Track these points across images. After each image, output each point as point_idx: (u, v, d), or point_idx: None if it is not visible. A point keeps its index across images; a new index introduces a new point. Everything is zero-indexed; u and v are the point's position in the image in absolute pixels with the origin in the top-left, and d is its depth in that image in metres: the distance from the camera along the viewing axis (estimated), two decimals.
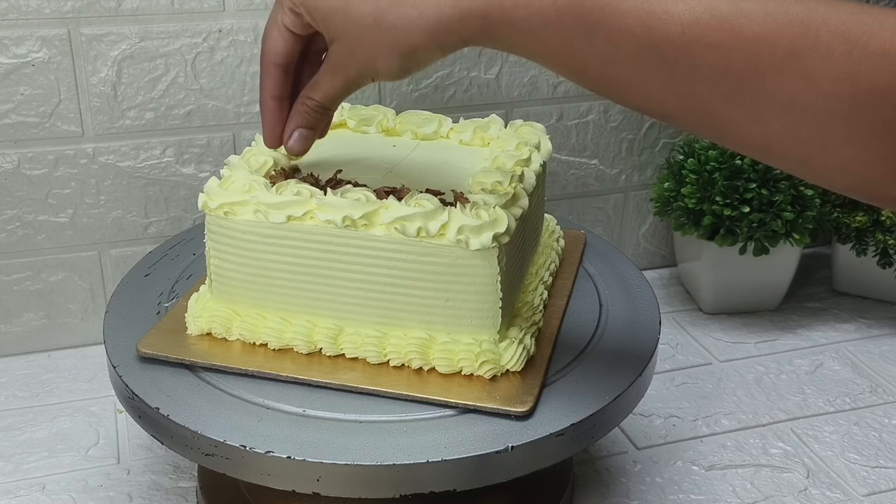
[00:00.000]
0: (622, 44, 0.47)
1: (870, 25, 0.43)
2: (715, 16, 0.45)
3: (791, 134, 0.45)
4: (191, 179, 0.92)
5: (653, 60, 0.46)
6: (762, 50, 0.44)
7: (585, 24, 0.47)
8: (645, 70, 0.47)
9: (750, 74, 0.45)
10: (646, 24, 0.46)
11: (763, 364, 0.96)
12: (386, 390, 0.62)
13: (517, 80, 0.98)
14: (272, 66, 0.60)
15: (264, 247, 0.63)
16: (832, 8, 0.44)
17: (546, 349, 0.67)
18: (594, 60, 0.48)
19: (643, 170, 1.07)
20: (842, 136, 0.44)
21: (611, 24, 0.46)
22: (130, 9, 0.85)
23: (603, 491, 0.78)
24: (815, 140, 0.45)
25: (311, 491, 0.58)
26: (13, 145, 0.86)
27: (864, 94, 0.43)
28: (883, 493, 0.79)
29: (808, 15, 0.44)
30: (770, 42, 0.44)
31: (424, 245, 0.61)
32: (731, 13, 0.45)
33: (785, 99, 0.44)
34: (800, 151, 0.46)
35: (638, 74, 0.47)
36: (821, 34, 0.43)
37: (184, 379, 0.64)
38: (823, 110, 0.44)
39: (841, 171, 0.46)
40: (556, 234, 0.80)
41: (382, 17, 0.52)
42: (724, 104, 0.46)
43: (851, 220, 1.00)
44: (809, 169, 0.47)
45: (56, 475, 0.78)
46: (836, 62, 0.43)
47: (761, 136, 0.46)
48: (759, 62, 0.44)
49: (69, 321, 0.94)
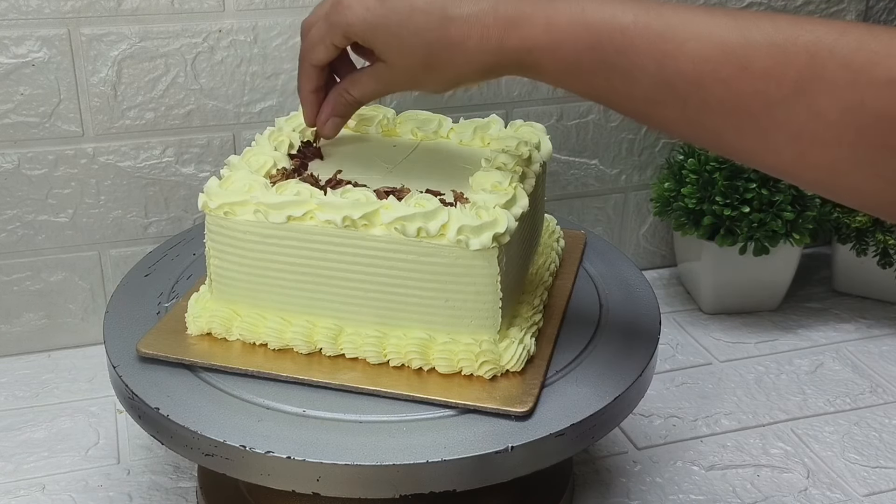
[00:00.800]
0: (638, 82, 0.50)
1: (876, 52, 0.43)
2: (725, 51, 0.47)
3: (802, 161, 0.46)
4: (191, 179, 0.92)
5: (666, 96, 0.49)
6: (769, 84, 0.46)
7: (604, 67, 0.51)
8: (660, 105, 0.50)
9: (758, 107, 0.46)
10: (660, 63, 0.49)
11: (763, 364, 0.96)
12: (386, 390, 0.62)
13: (517, 80, 0.98)
14: (312, 68, 0.65)
15: (264, 247, 0.63)
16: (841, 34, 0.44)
17: (546, 349, 0.67)
18: (614, 97, 0.52)
19: (643, 170, 1.07)
20: (850, 163, 0.45)
21: (627, 64, 0.50)
22: (130, 9, 0.85)
23: (603, 491, 0.78)
24: (825, 165, 0.46)
25: (311, 491, 0.58)
26: (13, 145, 0.86)
27: (870, 122, 0.43)
28: (883, 493, 0.79)
29: (814, 46, 0.45)
30: (777, 75, 0.45)
31: (424, 245, 0.61)
32: (739, 47, 0.46)
33: (793, 130, 0.46)
34: (812, 175, 0.47)
35: (654, 109, 0.50)
36: (827, 65, 0.44)
37: (184, 379, 0.64)
38: (831, 138, 0.45)
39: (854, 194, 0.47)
40: (556, 234, 0.80)
41: (432, 59, 0.57)
42: (735, 135, 0.48)
43: (851, 220, 1.00)
44: (825, 191, 0.48)
45: (56, 475, 0.78)
46: (842, 92, 0.44)
47: (774, 163, 0.48)
48: (766, 96, 0.46)
49: (69, 321, 0.94)
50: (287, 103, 0.91)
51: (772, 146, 0.47)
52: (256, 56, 0.89)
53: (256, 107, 0.91)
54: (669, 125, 0.51)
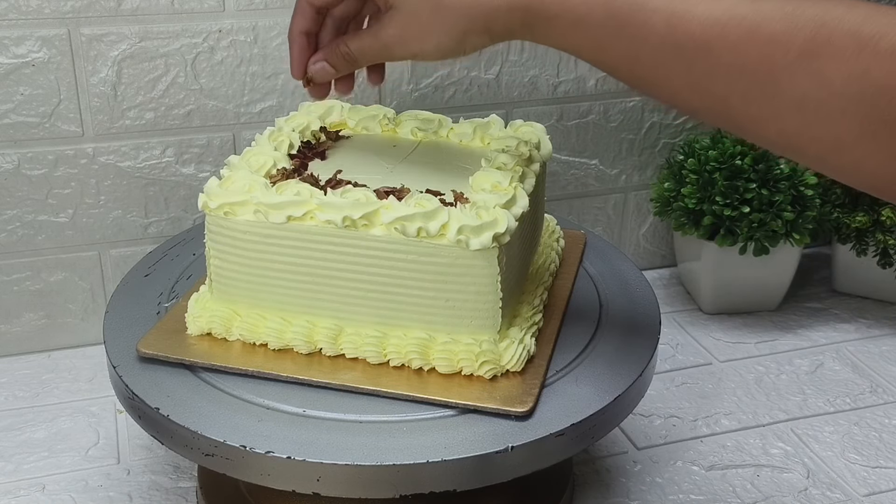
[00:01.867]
0: (646, 41, 0.49)
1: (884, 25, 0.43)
2: (734, 16, 0.47)
3: (805, 132, 0.46)
4: (191, 179, 0.92)
5: (674, 58, 0.49)
6: (776, 49, 0.45)
7: (614, 22, 0.50)
8: (667, 68, 0.49)
9: (764, 73, 0.46)
10: (668, 23, 0.48)
11: (763, 364, 0.96)
12: (386, 390, 0.62)
13: (517, 80, 0.98)
14: (307, 5, 0.64)
15: (264, 247, 0.63)
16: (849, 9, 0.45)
17: (546, 349, 0.67)
18: (622, 57, 0.51)
19: (643, 170, 1.07)
20: (853, 135, 0.45)
21: (637, 21, 0.49)
22: (130, 9, 0.85)
23: (603, 491, 0.78)
24: (828, 138, 0.46)
25: (311, 491, 0.58)
26: (13, 145, 0.86)
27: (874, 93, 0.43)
28: (883, 493, 0.79)
29: (823, 16, 0.45)
30: (784, 42, 0.45)
31: (424, 245, 0.61)
32: (749, 14, 0.46)
33: (797, 97, 0.45)
34: (815, 149, 0.47)
35: (661, 72, 0.50)
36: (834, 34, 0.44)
37: (184, 379, 0.64)
38: (835, 109, 0.45)
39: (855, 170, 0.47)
40: (556, 234, 0.80)
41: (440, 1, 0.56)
42: (740, 102, 0.48)
43: (851, 220, 1.00)
44: (826, 166, 0.48)
45: (56, 475, 0.78)
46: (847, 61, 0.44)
47: (777, 134, 0.48)
48: (773, 61, 0.46)
49: (69, 321, 0.94)
50: (287, 103, 0.91)
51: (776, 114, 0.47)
52: (256, 56, 0.89)
53: (256, 107, 0.91)
54: (675, 92, 0.51)
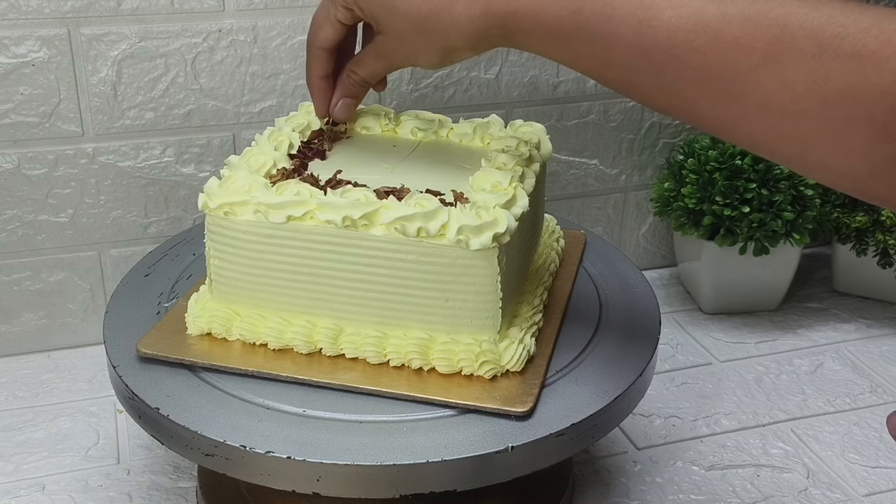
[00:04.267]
0: (616, 49, 0.51)
1: (847, 26, 0.44)
2: (699, 21, 0.48)
3: (772, 133, 0.47)
4: (191, 179, 0.92)
5: (643, 64, 0.50)
6: (740, 53, 0.46)
7: (584, 33, 0.52)
8: (637, 74, 0.51)
9: (729, 77, 0.47)
10: (637, 31, 0.50)
11: (763, 364, 0.96)
12: (386, 390, 0.62)
13: (517, 80, 0.98)
14: (320, 51, 0.68)
15: (264, 247, 0.63)
16: (813, 10, 0.45)
17: (546, 349, 0.67)
18: (594, 64, 0.53)
19: (643, 170, 1.07)
20: (816, 136, 0.45)
21: (606, 31, 0.51)
22: (130, 9, 0.85)
23: (603, 491, 0.78)
24: (794, 138, 0.46)
25: (311, 491, 0.58)
26: (13, 145, 0.86)
27: (834, 96, 0.44)
28: (883, 493, 0.79)
29: (786, 18, 0.45)
30: (748, 46, 0.46)
31: (424, 245, 0.61)
32: (714, 18, 0.47)
33: (762, 100, 0.46)
34: (784, 149, 0.48)
35: (632, 77, 0.52)
36: (795, 37, 0.45)
37: (184, 379, 0.64)
38: (798, 111, 0.45)
39: (822, 169, 0.47)
40: (556, 234, 0.80)
41: (423, 23, 0.59)
42: (708, 105, 0.49)
43: (851, 220, 1.00)
44: (796, 165, 0.49)
45: (56, 475, 0.78)
46: (808, 65, 0.44)
47: (746, 135, 0.49)
48: (737, 65, 0.47)
49: (69, 321, 0.94)
50: (287, 103, 0.91)
51: (743, 116, 0.48)
52: (256, 56, 0.89)
53: (256, 107, 0.91)
54: (647, 95, 0.52)
